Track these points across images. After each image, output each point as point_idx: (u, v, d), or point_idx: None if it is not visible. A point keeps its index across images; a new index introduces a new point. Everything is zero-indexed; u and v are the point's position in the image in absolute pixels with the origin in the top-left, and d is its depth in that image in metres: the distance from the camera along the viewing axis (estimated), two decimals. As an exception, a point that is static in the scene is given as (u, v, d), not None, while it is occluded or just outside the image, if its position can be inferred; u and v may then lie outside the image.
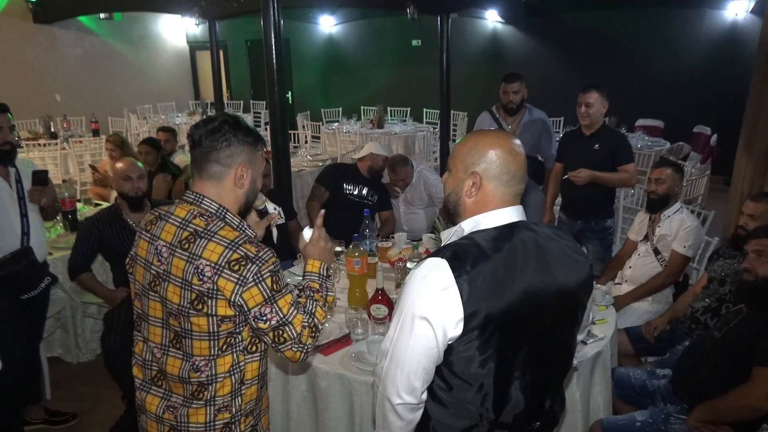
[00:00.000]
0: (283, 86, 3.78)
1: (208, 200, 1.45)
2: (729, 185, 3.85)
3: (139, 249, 1.50)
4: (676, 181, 3.02)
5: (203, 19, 8.79)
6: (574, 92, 3.63)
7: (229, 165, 1.46)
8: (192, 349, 1.42)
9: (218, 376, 1.44)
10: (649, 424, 2.15)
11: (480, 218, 1.31)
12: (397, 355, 1.26)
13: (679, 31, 8.10)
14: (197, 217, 1.42)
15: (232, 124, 1.46)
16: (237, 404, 1.49)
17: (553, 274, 1.30)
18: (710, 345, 2.18)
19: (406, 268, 2.45)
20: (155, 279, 1.44)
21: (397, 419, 1.31)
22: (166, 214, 1.48)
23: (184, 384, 1.46)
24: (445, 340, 1.23)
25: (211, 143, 1.44)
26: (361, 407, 1.93)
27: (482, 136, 1.36)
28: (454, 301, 1.20)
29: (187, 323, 1.40)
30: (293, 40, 11.22)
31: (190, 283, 1.37)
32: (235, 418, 1.50)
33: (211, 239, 1.37)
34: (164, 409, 1.49)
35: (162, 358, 1.47)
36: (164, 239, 1.43)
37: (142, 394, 1.55)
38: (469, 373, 1.26)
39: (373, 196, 3.81)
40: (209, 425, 1.47)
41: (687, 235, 2.94)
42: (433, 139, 8.22)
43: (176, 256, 1.39)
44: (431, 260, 1.25)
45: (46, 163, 6.40)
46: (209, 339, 1.41)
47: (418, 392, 1.28)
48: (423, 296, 1.23)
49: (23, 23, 8.94)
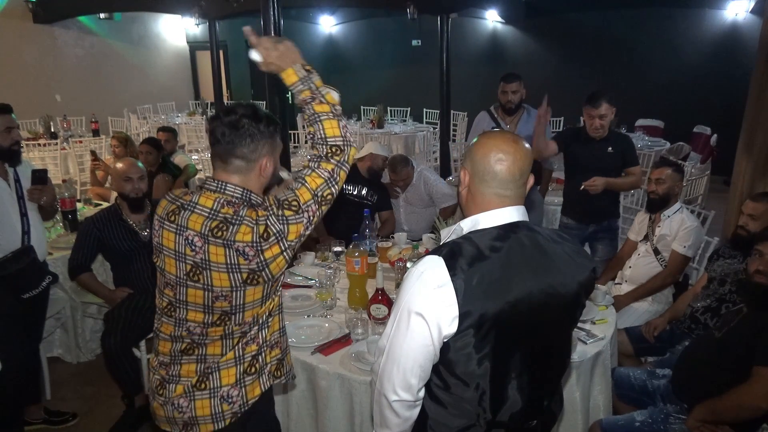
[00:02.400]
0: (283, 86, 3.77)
1: (231, 186, 1.47)
2: (729, 185, 3.85)
3: (164, 239, 1.50)
4: (677, 181, 3.02)
5: (203, 19, 8.79)
6: (573, 92, 3.64)
7: (255, 159, 1.49)
8: (243, 317, 1.49)
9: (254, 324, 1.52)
10: (648, 424, 2.14)
11: (479, 218, 1.32)
12: (393, 351, 1.27)
13: (679, 31, 8.11)
14: (225, 206, 1.44)
15: (252, 116, 1.47)
16: (263, 336, 1.55)
17: (555, 275, 1.30)
18: (710, 345, 2.18)
19: (406, 268, 2.45)
20: (194, 269, 1.46)
21: (394, 416, 1.31)
22: (189, 203, 1.48)
23: (224, 340, 1.51)
24: (441, 337, 1.23)
25: (233, 139, 1.45)
26: (361, 407, 1.93)
27: (484, 137, 1.37)
28: (449, 299, 1.20)
29: (240, 299, 1.46)
30: (293, 40, 11.19)
31: (238, 264, 1.42)
32: (262, 349, 1.55)
33: (241, 223, 1.42)
34: (203, 371, 1.52)
35: (203, 332, 1.51)
36: (193, 228, 1.45)
37: (173, 368, 1.54)
38: (465, 372, 1.27)
39: (372, 196, 3.81)
40: (239, 359, 1.52)
41: (687, 235, 2.94)
42: (433, 139, 8.22)
43: (212, 244, 1.42)
44: (428, 258, 1.26)
45: (46, 163, 6.39)
46: (262, 302, 1.50)
47: (415, 389, 1.28)
48: (419, 293, 1.24)
49: (23, 23, 8.94)
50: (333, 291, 2.48)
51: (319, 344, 2.11)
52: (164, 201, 1.54)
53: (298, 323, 2.29)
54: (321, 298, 2.44)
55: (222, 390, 1.51)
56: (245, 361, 1.53)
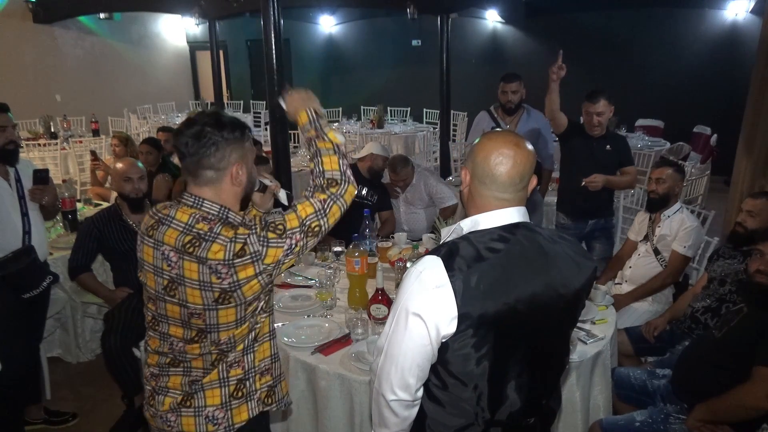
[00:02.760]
0: (283, 86, 3.78)
1: (208, 203, 1.44)
2: (729, 185, 3.85)
3: (144, 254, 1.49)
4: (677, 181, 3.02)
5: (203, 19, 8.80)
6: (573, 92, 3.64)
7: (224, 168, 1.44)
8: (219, 337, 1.45)
9: (237, 342, 1.48)
10: (648, 423, 2.15)
11: (479, 218, 1.31)
12: (391, 351, 1.27)
13: (679, 31, 8.10)
14: (200, 221, 1.41)
15: (215, 123, 1.42)
16: (249, 360, 1.51)
17: (555, 276, 1.29)
18: (710, 345, 2.18)
19: (406, 268, 2.45)
20: (171, 284, 1.43)
21: (392, 415, 1.31)
22: (166, 218, 1.45)
23: (204, 357, 1.48)
24: (439, 338, 1.23)
25: (198, 150, 1.40)
26: (361, 407, 1.93)
27: (485, 137, 1.36)
28: (447, 300, 1.20)
29: (213, 318, 1.42)
30: (293, 40, 11.22)
31: (210, 283, 1.38)
32: (249, 375, 1.52)
33: (214, 241, 1.38)
34: (189, 384, 1.51)
35: (183, 347, 1.49)
36: (168, 243, 1.42)
37: (162, 379, 1.54)
38: (464, 372, 1.26)
39: (372, 196, 3.81)
40: (223, 381, 1.49)
41: (687, 235, 2.94)
42: (433, 139, 8.22)
43: (186, 260, 1.39)
44: (427, 258, 1.26)
45: (46, 163, 6.39)
46: (236, 325, 1.45)
47: (413, 389, 1.28)
48: (417, 293, 1.23)
49: (23, 23, 8.94)
50: (333, 291, 2.48)
51: (319, 344, 2.11)
52: (146, 216, 1.53)
53: (298, 323, 2.29)
54: (321, 298, 2.44)
55: (207, 410, 1.49)
56: (230, 384, 1.50)
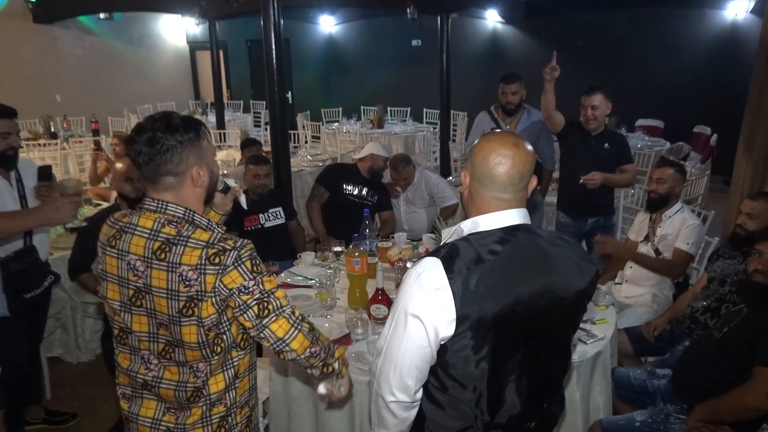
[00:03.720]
0: (283, 86, 3.78)
1: (172, 205, 1.38)
2: (729, 185, 3.85)
3: (107, 266, 1.42)
4: (678, 181, 3.02)
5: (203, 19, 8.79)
6: (574, 92, 3.64)
7: (183, 171, 1.39)
8: (185, 357, 1.40)
9: (212, 374, 1.43)
10: (648, 424, 2.15)
11: (479, 219, 1.31)
12: (390, 353, 1.27)
13: (679, 31, 8.10)
14: (166, 225, 1.36)
15: (166, 127, 1.35)
16: (231, 397, 1.48)
17: (556, 279, 1.28)
18: (710, 345, 2.18)
19: (406, 268, 2.45)
20: (137, 294, 1.38)
21: (391, 417, 1.32)
22: (128, 225, 1.39)
23: (177, 392, 1.43)
24: (437, 339, 1.23)
25: (153, 157, 1.35)
26: (361, 407, 1.93)
27: (484, 138, 1.35)
28: (446, 302, 1.20)
29: (177, 333, 1.37)
30: (293, 40, 11.22)
31: (177, 291, 1.33)
32: (231, 411, 1.49)
33: (186, 245, 1.33)
34: (164, 411, 1.47)
35: (159, 366, 1.44)
36: (135, 252, 1.36)
37: (135, 401, 1.50)
38: (463, 374, 1.26)
39: (373, 196, 3.81)
40: (206, 420, 1.45)
41: (690, 233, 2.94)
42: (433, 139, 8.22)
43: (155, 268, 1.34)
44: (426, 260, 1.26)
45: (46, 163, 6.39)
46: (200, 348, 1.38)
47: (411, 390, 1.28)
48: (416, 295, 1.23)
49: (23, 23, 8.94)
50: (333, 291, 2.48)
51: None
52: (105, 226, 1.45)
53: (298, 323, 2.29)
54: (321, 298, 2.44)
55: None
56: (213, 423, 1.46)
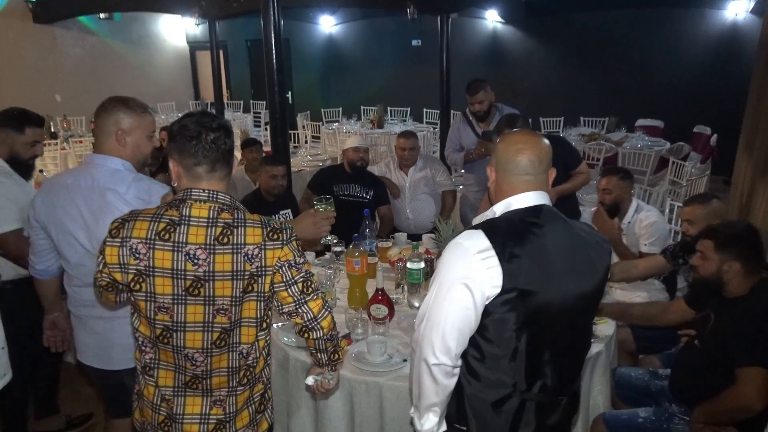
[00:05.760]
0: (283, 86, 3.79)
1: (222, 194, 1.47)
2: (729, 185, 3.85)
3: (155, 261, 1.40)
4: (623, 188, 3.06)
5: (203, 19, 8.79)
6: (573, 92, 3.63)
7: (231, 164, 1.53)
8: (240, 337, 1.48)
9: (259, 357, 1.53)
10: (651, 421, 2.15)
11: (511, 200, 1.44)
12: (433, 316, 1.36)
13: (679, 31, 8.11)
14: (222, 212, 1.43)
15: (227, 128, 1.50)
16: (266, 374, 1.59)
17: (583, 268, 1.42)
18: (694, 352, 2.18)
19: (406, 268, 2.45)
20: (195, 283, 1.40)
21: (433, 383, 1.38)
22: (180, 218, 1.40)
23: (232, 375, 1.49)
24: (483, 300, 1.32)
25: (221, 146, 1.46)
26: (361, 407, 1.93)
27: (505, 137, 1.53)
28: (491, 262, 1.31)
29: (238, 312, 1.44)
30: (293, 40, 11.22)
31: (243, 270, 1.41)
32: (267, 387, 1.60)
33: (245, 225, 1.43)
34: (211, 405, 1.50)
35: (206, 361, 1.46)
36: (195, 242, 1.39)
37: (177, 400, 1.51)
38: (502, 338, 1.34)
39: (367, 192, 3.80)
40: (250, 400, 1.55)
41: (649, 233, 2.97)
42: (433, 139, 8.23)
43: (218, 253, 1.40)
44: (466, 232, 1.39)
45: (46, 163, 6.40)
46: (257, 324, 1.48)
47: (453, 353, 1.36)
48: (460, 261, 1.34)
49: (23, 23, 8.94)
50: (333, 291, 2.48)
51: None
52: (142, 222, 1.41)
53: (298, 323, 2.29)
54: (321, 298, 2.44)
55: None
56: (255, 401, 1.57)
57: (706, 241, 2.10)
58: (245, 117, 10.05)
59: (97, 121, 1.94)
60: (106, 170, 1.88)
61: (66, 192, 1.88)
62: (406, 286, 2.50)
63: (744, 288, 2.05)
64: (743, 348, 1.92)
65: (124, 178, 1.87)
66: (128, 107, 1.93)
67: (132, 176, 1.90)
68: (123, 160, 1.91)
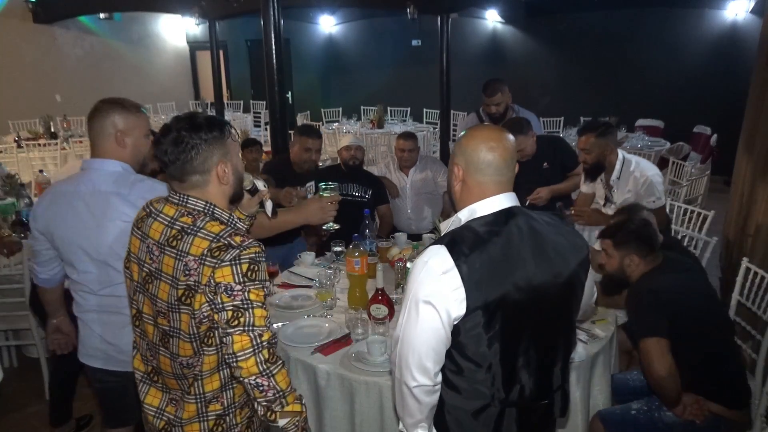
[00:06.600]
0: (283, 86, 3.78)
1: (193, 199, 1.43)
2: (729, 185, 3.85)
3: (132, 246, 1.50)
4: (603, 146, 2.87)
5: (203, 19, 8.79)
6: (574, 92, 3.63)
7: (208, 170, 1.43)
8: (178, 349, 1.42)
9: (204, 373, 1.44)
10: (644, 411, 2.18)
11: (475, 207, 1.39)
12: (407, 339, 1.33)
13: (679, 31, 8.11)
14: (185, 215, 1.41)
15: (191, 127, 1.40)
16: (229, 397, 1.49)
17: (554, 257, 1.37)
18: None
19: (406, 268, 2.45)
20: (148, 276, 1.44)
21: (416, 403, 1.36)
22: (155, 211, 1.46)
23: (179, 380, 1.47)
24: (450, 320, 1.29)
25: (179, 156, 1.39)
26: (361, 407, 1.93)
27: (471, 131, 1.45)
28: (455, 283, 1.27)
29: (176, 321, 1.39)
30: (293, 40, 11.22)
31: (178, 279, 1.36)
32: (229, 410, 1.50)
33: (196, 235, 1.36)
34: (167, 402, 1.52)
35: (156, 356, 1.50)
36: (153, 237, 1.42)
37: (143, 386, 1.58)
38: (477, 354, 1.32)
39: (366, 192, 3.79)
40: (202, 416, 1.47)
41: (649, 191, 2.83)
42: (433, 139, 8.23)
43: (166, 254, 1.39)
44: (431, 248, 1.33)
45: (46, 163, 6.40)
46: (191, 341, 1.39)
47: (431, 373, 1.33)
48: (425, 281, 1.30)
49: (23, 23, 8.94)
50: (333, 291, 2.48)
51: (319, 344, 2.10)
52: (142, 210, 1.52)
53: (298, 323, 2.29)
54: (321, 298, 2.44)
55: None
56: (209, 419, 1.47)
57: (607, 241, 2.23)
58: (245, 117, 10.05)
59: (92, 125, 1.88)
60: (106, 174, 1.85)
61: (66, 200, 1.85)
62: (405, 286, 2.49)
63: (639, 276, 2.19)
64: (633, 325, 2.09)
65: (125, 180, 1.85)
66: (124, 107, 1.89)
67: (133, 177, 1.88)
68: (122, 162, 1.88)
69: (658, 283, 2.11)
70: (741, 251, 3.26)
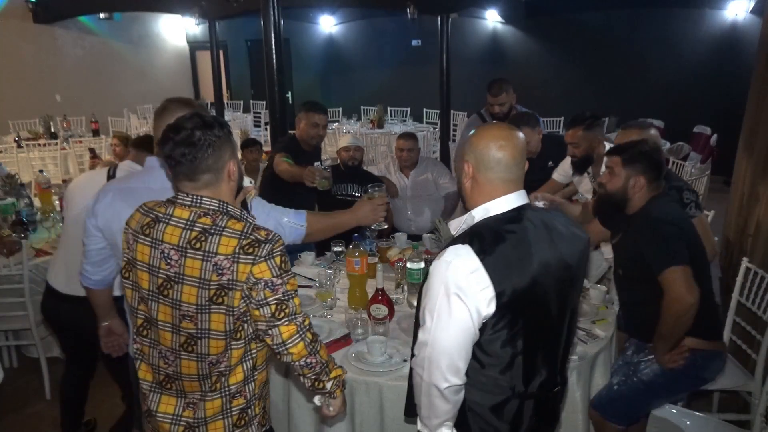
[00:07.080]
0: (283, 86, 3.79)
1: (207, 199, 1.42)
2: (729, 185, 3.85)
3: (137, 254, 1.44)
4: (592, 138, 2.87)
5: (203, 19, 8.80)
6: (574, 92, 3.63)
7: (221, 168, 1.44)
8: (208, 349, 1.42)
9: (233, 366, 1.46)
10: (623, 381, 2.21)
11: (489, 205, 1.40)
12: (438, 341, 1.32)
13: (679, 31, 8.11)
14: (202, 216, 1.40)
15: (203, 125, 1.40)
16: (250, 389, 1.52)
17: (562, 247, 1.41)
18: (624, 286, 2.26)
19: (406, 268, 2.45)
20: (166, 283, 1.40)
21: (445, 403, 1.37)
22: (164, 216, 1.42)
23: (203, 381, 1.46)
24: (480, 318, 1.31)
25: (195, 155, 1.38)
26: (361, 407, 1.93)
27: (481, 129, 1.47)
28: (483, 282, 1.28)
29: (206, 323, 1.39)
30: (293, 40, 11.22)
31: (209, 280, 1.36)
32: (251, 403, 1.53)
33: (222, 234, 1.37)
34: (183, 407, 1.50)
35: (176, 361, 1.46)
36: (170, 242, 1.39)
37: (153, 396, 1.53)
38: (500, 350, 1.35)
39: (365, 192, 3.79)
40: (226, 412, 1.49)
41: None
42: (433, 139, 8.22)
43: (189, 257, 1.37)
44: (452, 248, 1.33)
45: (46, 163, 6.40)
46: (225, 338, 1.42)
47: (462, 372, 1.36)
48: (453, 280, 1.29)
49: (23, 23, 8.94)
50: (333, 291, 2.48)
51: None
52: (137, 213, 1.48)
53: (298, 323, 2.29)
54: (321, 298, 2.44)
55: None
56: (233, 415, 1.50)
57: (615, 157, 2.17)
58: (245, 117, 10.05)
59: (159, 123, 1.82)
60: None
61: (134, 197, 1.77)
62: (406, 286, 2.50)
63: (643, 203, 2.14)
64: (654, 255, 2.00)
65: None
66: (192, 107, 1.83)
67: None
68: None
69: (676, 213, 2.10)
70: (741, 251, 3.26)
